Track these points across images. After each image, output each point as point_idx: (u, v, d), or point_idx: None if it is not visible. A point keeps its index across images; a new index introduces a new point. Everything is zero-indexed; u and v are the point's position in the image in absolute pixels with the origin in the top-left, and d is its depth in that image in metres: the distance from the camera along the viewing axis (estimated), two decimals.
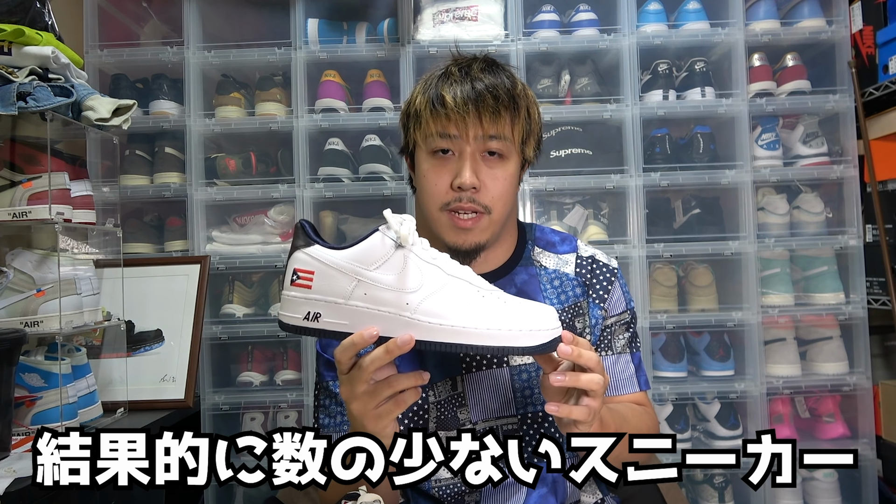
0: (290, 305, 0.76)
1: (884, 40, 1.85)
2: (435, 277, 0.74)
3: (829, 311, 1.85)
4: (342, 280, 0.74)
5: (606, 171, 1.85)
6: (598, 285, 1.05)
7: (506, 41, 1.86)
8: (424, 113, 0.95)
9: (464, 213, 0.94)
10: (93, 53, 1.86)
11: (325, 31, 1.89)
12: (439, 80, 0.96)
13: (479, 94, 0.92)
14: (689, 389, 1.83)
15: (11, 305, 1.28)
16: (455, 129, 0.93)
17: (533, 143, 1.01)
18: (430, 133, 0.94)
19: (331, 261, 0.74)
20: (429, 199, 0.97)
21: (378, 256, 0.74)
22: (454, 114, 0.92)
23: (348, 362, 0.75)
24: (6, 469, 1.08)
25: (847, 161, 1.86)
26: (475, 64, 0.97)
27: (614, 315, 1.06)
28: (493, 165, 0.95)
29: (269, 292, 1.91)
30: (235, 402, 1.81)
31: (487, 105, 0.92)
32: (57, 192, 1.30)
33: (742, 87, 1.85)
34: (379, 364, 0.73)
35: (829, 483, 1.83)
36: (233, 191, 1.86)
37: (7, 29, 1.24)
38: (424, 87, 0.97)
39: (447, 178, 0.95)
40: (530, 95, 1.00)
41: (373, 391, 0.75)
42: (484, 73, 0.95)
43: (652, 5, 1.90)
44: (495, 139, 0.94)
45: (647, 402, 1.07)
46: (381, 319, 0.73)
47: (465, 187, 0.93)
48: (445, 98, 0.92)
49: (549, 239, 1.10)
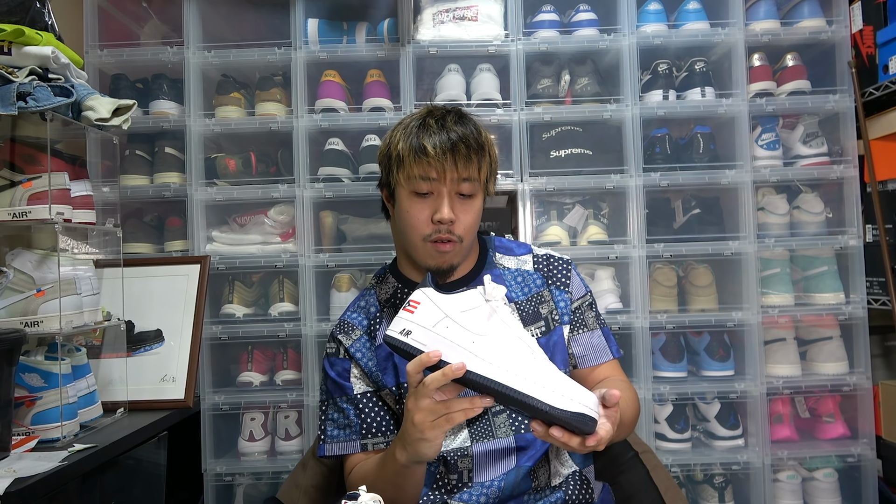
0: (397, 323, 0.93)
1: (884, 40, 1.85)
2: (502, 331, 0.88)
3: (829, 311, 1.85)
4: (435, 313, 0.91)
5: (606, 171, 1.85)
6: (558, 275, 1.23)
7: (506, 41, 1.86)
8: (408, 159, 1.12)
9: (443, 244, 1.13)
10: (93, 53, 1.86)
11: (325, 31, 1.89)
12: (419, 131, 1.13)
13: (454, 144, 1.10)
14: (689, 389, 1.83)
15: (11, 305, 1.28)
16: (435, 172, 1.10)
17: (493, 180, 1.20)
18: (413, 176, 1.12)
19: (435, 299, 0.92)
20: (412, 231, 1.14)
21: (467, 306, 0.90)
22: (434, 160, 1.09)
23: (416, 377, 0.89)
24: (6, 469, 1.08)
25: (847, 161, 1.86)
26: (448, 116, 1.15)
27: (578, 298, 1.24)
28: (465, 202, 1.14)
29: (269, 292, 1.91)
30: (235, 402, 1.81)
31: (461, 153, 1.10)
32: (57, 192, 1.30)
33: (742, 87, 1.85)
34: (437, 384, 0.86)
35: (829, 483, 1.83)
36: (233, 191, 1.86)
37: (7, 29, 1.24)
38: (405, 135, 1.14)
39: (427, 213, 1.12)
40: (490, 140, 1.18)
41: (432, 407, 0.89)
42: (456, 125, 1.13)
43: (652, 5, 1.90)
44: (467, 181, 1.12)
45: (619, 369, 1.24)
46: (449, 348, 0.88)
47: (444, 221, 1.11)
48: (426, 147, 1.10)
49: (507, 246, 1.28)
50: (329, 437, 1.18)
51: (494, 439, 1.13)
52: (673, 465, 1.80)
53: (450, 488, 1.13)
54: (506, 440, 1.13)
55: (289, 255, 1.84)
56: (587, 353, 1.20)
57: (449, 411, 0.89)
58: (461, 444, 1.13)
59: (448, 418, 0.89)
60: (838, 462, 1.85)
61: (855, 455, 1.82)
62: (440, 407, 0.88)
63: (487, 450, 1.13)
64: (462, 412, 0.89)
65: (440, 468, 1.14)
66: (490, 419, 1.14)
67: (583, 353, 1.20)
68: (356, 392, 1.17)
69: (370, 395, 1.17)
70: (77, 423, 1.33)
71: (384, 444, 1.15)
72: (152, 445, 1.48)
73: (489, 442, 1.13)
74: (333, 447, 1.17)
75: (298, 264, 1.83)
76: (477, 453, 1.12)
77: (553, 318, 1.20)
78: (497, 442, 1.13)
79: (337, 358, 1.20)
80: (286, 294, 1.87)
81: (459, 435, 1.13)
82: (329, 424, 1.19)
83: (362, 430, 1.16)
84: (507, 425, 1.13)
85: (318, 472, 1.31)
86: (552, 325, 1.19)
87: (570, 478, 1.16)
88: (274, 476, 1.82)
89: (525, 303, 1.20)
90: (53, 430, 1.25)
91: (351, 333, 1.20)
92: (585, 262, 1.88)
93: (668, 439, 1.85)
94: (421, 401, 0.89)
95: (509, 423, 1.13)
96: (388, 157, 1.16)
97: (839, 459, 1.84)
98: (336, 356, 1.20)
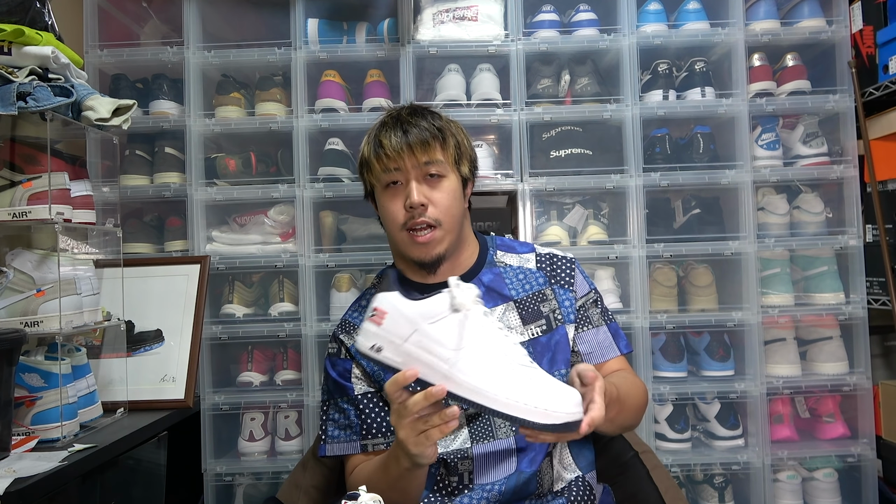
0: (364, 335, 0.91)
1: (884, 40, 1.85)
2: (479, 342, 0.86)
3: (829, 311, 1.85)
4: (405, 325, 0.88)
5: (606, 171, 1.85)
6: (561, 273, 1.23)
7: (506, 41, 1.86)
8: (371, 159, 1.16)
9: (420, 231, 1.13)
10: (93, 53, 1.86)
11: (325, 31, 1.89)
12: (378, 132, 1.16)
13: (408, 132, 1.13)
14: (689, 389, 1.83)
15: (11, 305, 1.28)
16: (395, 164, 1.13)
17: (467, 164, 1.21)
18: (379, 173, 1.15)
19: (401, 308, 0.88)
20: (390, 223, 1.16)
21: (437, 314, 0.87)
22: (393, 152, 1.12)
23: (396, 395, 0.89)
24: (6, 469, 1.08)
25: (847, 161, 1.86)
26: (403, 111, 1.19)
27: (583, 296, 1.23)
28: (435, 184, 1.15)
29: (269, 292, 1.91)
30: (235, 402, 1.81)
31: (417, 139, 1.13)
32: (57, 192, 1.30)
33: (742, 87, 1.85)
34: (419, 407, 0.87)
35: (829, 483, 1.83)
36: (233, 191, 1.86)
37: (7, 29, 1.24)
38: (368, 140, 1.18)
39: (400, 201, 1.14)
40: (455, 126, 1.21)
41: (414, 424, 0.89)
42: (411, 117, 1.16)
43: (652, 5, 1.90)
44: (431, 164, 1.14)
45: (626, 365, 1.23)
46: (425, 364, 0.87)
47: (415, 205, 1.12)
48: (383, 142, 1.14)
49: (509, 244, 1.29)
50: (330, 437, 1.18)
51: (494, 440, 1.13)
52: (673, 465, 1.80)
53: (450, 490, 1.13)
54: (506, 441, 1.13)
55: (289, 255, 1.84)
56: (593, 351, 1.20)
57: (428, 427, 0.89)
58: (461, 446, 1.13)
59: (428, 435, 0.89)
60: (838, 462, 1.84)
61: (855, 455, 1.82)
62: (421, 424, 0.89)
63: (487, 451, 1.13)
64: (439, 430, 0.89)
65: (440, 470, 1.14)
66: (490, 418, 1.14)
67: (588, 350, 1.20)
68: (357, 392, 1.17)
69: (371, 396, 1.17)
70: (77, 423, 1.33)
71: (384, 445, 1.15)
72: (152, 445, 1.48)
73: (489, 443, 1.13)
74: (334, 447, 1.17)
75: (298, 264, 1.83)
76: (477, 455, 1.12)
77: (556, 316, 1.20)
78: (497, 443, 1.13)
79: (338, 358, 1.20)
80: (286, 294, 1.87)
81: (459, 436, 1.13)
82: (330, 424, 1.19)
83: (363, 431, 1.16)
84: (508, 426, 1.13)
85: (318, 472, 1.31)
86: (554, 324, 1.19)
87: (572, 483, 1.16)
88: (274, 476, 1.82)
89: (525, 300, 1.20)
90: (53, 430, 1.25)
91: (353, 333, 1.20)
92: (585, 262, 1.88)
93: (668, 439, 1.85)
94: (403, 419, 0.90)
95: (509, 423, 1.13)
96: (361, 164, 1.21)
97: (839, 459, 1.84)
98: (338, 356, 1.20)
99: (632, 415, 1.14)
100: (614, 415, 0.98)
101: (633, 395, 1.13)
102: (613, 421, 1.00)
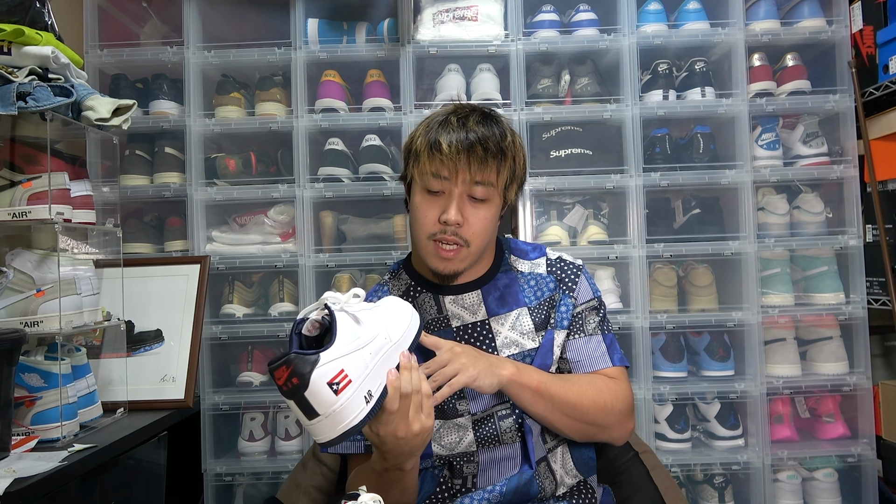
0: (348, 408, 0.79)
1: (884, 40, 1.85)
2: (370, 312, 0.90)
3: (829, 311, 1.85)
4: (357, 358, 0.82)
5: (606, 171, 1.85)
6: (567, 279, 1.20)
7: (506, 41, 1.86)
8: (423, 154, 1.08)
9: (447, 245, 1.09)
10: (93, 53, 1.86)
11: (325, 31, 1.89)
12: (439, 127, 1.09)
13: (471, 144, 1.05)
14: (689, 389, 1.83)
15: (11, 305, 1.28)
16: (447, 171, 1.06)
17: (515, 188, 1.15)
18: (426, 172, 1.08)
19: (341, 353, 0.80)
20: (418, 228, 1.11)
21: (350, 330, 0.83)
22: (448, 159, 1.05)
23: (398, 405, 0.87)
24: (6, 469, 1.08)
25: (847, 161, 1.86)
26: (472, 116, 1.10)
27: (583, 303, 1.19)
28: (477, 206, 1.09)
29: (269, 292, 1.91)
30: (235, 402, 1.81)
31: (477, 154, 1.06)
32: (57, 192, 1.30)
33: (742, 87, 1.85)
34: (420, 381, 0.90)
35: (829, 483, 1.83)
36: (233, 191, 1.86)
37: (7, 29, 1.24)
38: (426, 130, 1.10)
39: (436, 212, 1.09)
40: (518, 144, 1.13)
41: (414, 409, 0.89)
42: (478, 125, 1.08)
43: (652, 5, 1.90)
44: (480, 185, 1.08)
45: (620, 376, 1.16)
46: (387, 359, 0.87)
47: (450, 223, 1.07)
48: (442, 144, 1.06)
49: (521, 248, 1.25)
50: None
51: (501, 445, 1.12)
52: (673, 465, 1.80)
53: (453, 493, 1.13)
54: (511, 447, 1.12)
55: (289, 255, 1.84)
56: (581, 359, 1.16)
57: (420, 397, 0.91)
58: (467, 449, 1.12)
59: (422, 406, 0.91)
60: (838, 462, 1.84)
61: (855, 455, 1.82)
62: (415, 402, 0.90)
63: (493, 455, 1.12)
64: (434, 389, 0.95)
65: (444, 472, 1.14)
66: (496, 423, 1.12)
67: (577, 358, 1.16)
68: None
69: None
70: (77, 423, 1.33)
71: None
72: (152, 445, 1.48)
73: (494, 448, 1.12)
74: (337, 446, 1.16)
75: (298, 264, 1.83)
76: (483, 460, 1.12)
77: (551, 322, 1.17)
78: (503, 449, 1.12)
79: None
80: (286, 294, 1.87)
81: (465, 439, 1.12)
82: None
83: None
84: (514, 430, 1.12)
85: (318, 472, 1.31)
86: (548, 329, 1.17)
87: (574, 489, 1.15)
88: (274, 476, 1.82)
89: (537, 308, 1.17)
90: (53, 430, 1.25)
91: None
92: (585, 263, 1.87)
93: (668, 439, 1.85)
94: (414, 418, 0.89)
95: (515, 427, 1.12)
96: (409, 149, 1.13)
97: (839, 459, 1.84)
98: None
99: (577, 412, 1.09)
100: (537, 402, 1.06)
101: (584, 394, 1.09)
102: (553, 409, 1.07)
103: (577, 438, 1.14)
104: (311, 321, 0.86)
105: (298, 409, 0.79)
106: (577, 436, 1.13)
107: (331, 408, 0.78)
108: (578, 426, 1.11)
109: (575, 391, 1.09)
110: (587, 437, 1.14)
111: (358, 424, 0.80)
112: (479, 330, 1.14)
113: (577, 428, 1.11)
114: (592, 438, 1.15)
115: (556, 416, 1.08)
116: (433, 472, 1.14)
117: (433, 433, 1.11)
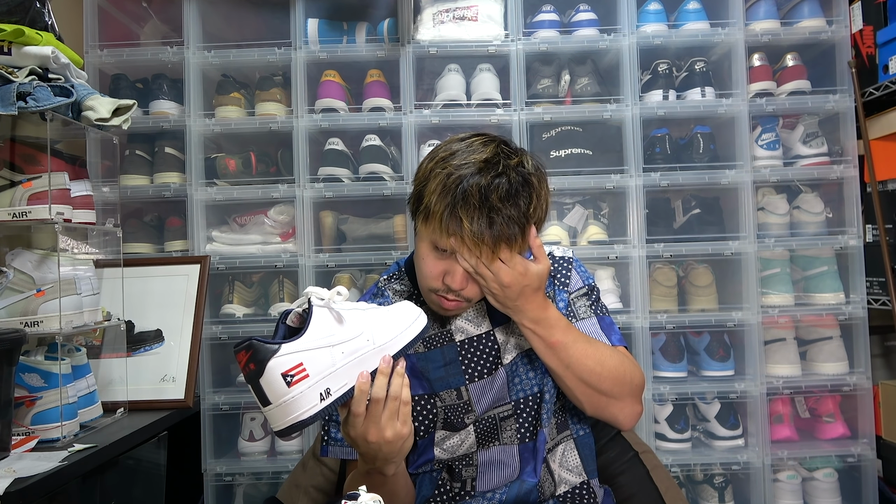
0: (300, 401, 0.79)
1: (884, 40, 1.85)
2: (362, 312, 0.88)
3: (829, 311, 1.85)
4: (323, 355, 0.81)
5: (606, 171, 1.85)
6: (559, 275, 1.18)
7: (506, 41, 1.86)
8: (436, 222, 0.99)
9: (451, 301, 1.05)
10: (93, 53, 1.86)
11: (325, 31, 1.89)
12: (460, 199, 0.97)
13: (497, 233, 0.97)
14: (689, 389, 1.83)
15: (11, 305, 1.28)
16: (466, 252, 0.99)
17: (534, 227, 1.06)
18: (439, 237, 1.00)
19: (303, 347, 0.80)
20: (422, 277, 1.06)
21: (325, 326, 0.83)
22: (469, 241, 0.97)
23: (363, 409, 0.85)
24: (6, 469, 1.08)
25: (847, 161, 1.86)
26: (497, 186, 0.98)
27: (575, 291, 1.18)
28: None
29: (269, 292, 1.91)
30: (235, 402, 1.81)
31: (502, 239, 0.98)
32: (57, 192, 1.30)
33: (742, 87, 1.85)
34: (401, 388, 0.87)
35: (829, 483, 1.83)
36: (233, 191, 1.86)
37: (7, 29, 1.24)
38: (443, 192, 0.98)
39: (441, 269, 1.02)
40: (544, 194, 1.05)
41: (388, 414, 0.87)
42: (503, 203, 0.97)
43: (652, 5, 1.90)
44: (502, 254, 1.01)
45: (623, 353, 1.13)
46: (363, 361, 0.85)
47: (453, 289, 1.02)
48: (464, 224, 0.96)
49: None
50: (332, 439, 1.16)
51: (500, 445, 1.12)
52: (673, 465, 1.80)
53: (452, 496, 1.12)
54: (510, 448, 1.12)
55: (289, 255, 1.84)
56: None
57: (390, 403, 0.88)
58: (467, 451, 1.12)
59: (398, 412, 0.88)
60: (838, 462, 1.85)
61: (855, 455, 1.82)
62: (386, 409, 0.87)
63: (492, 457, 1.12)
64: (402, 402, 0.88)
65: (443, 475, 1.13)
66: (497, 423, 1.12)
67: None
68: None
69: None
70: (77, 423, 1.33)
71: None
72: (152, 445, 1.48)
73: (494, 448, 1.12)
74: (336, 450, 1.15)
75: (298, 264, 1.83)
76: (482, 461, 1.12)
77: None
78: (502, 449, 1.12)
79: None
80: (286, 294, 1.87)
81: (467, 441, 1.12)
82: (332, 426, 1.16)
83: None
84: (514, 430, 1.12)
85: (318, 472, 1.31)
86: None
87: (574, 490, 1.15)
88: (274, 476, 1.82)
89: None
90: (53, 430, 1.25)
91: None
92: (585, 263, 1.87)
93: (668, 439, 1.85)
94: (387, 420, 0.86)
95: (516, 427, 1.12)
96: (419, 197, 1.03)
97: (839, 459, 1.84)
98: None
99: (593, 377, 1.05)
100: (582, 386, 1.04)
101: (604, 362, 1.06)
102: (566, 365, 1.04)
103: (586, 407, 1.09)
104: (294, 313, 0.87)
105: (254, 394, 0.81)
106: (586, 402, 1.08)
107: (281, 399, 0.79)
108: (589, 392, 1.07)
109: (596, 356, 1.06)
110: (596, 409, 1.09)
111: (307, 419, 0.79)
112: (484, 342, 1.13)
113: (588, 394, 1.07)
114: (601, 411, 1.09)
115: (567, 376, 1.05)
116: (432, 476, 1.13)
117: (437, 440, 1.11)
